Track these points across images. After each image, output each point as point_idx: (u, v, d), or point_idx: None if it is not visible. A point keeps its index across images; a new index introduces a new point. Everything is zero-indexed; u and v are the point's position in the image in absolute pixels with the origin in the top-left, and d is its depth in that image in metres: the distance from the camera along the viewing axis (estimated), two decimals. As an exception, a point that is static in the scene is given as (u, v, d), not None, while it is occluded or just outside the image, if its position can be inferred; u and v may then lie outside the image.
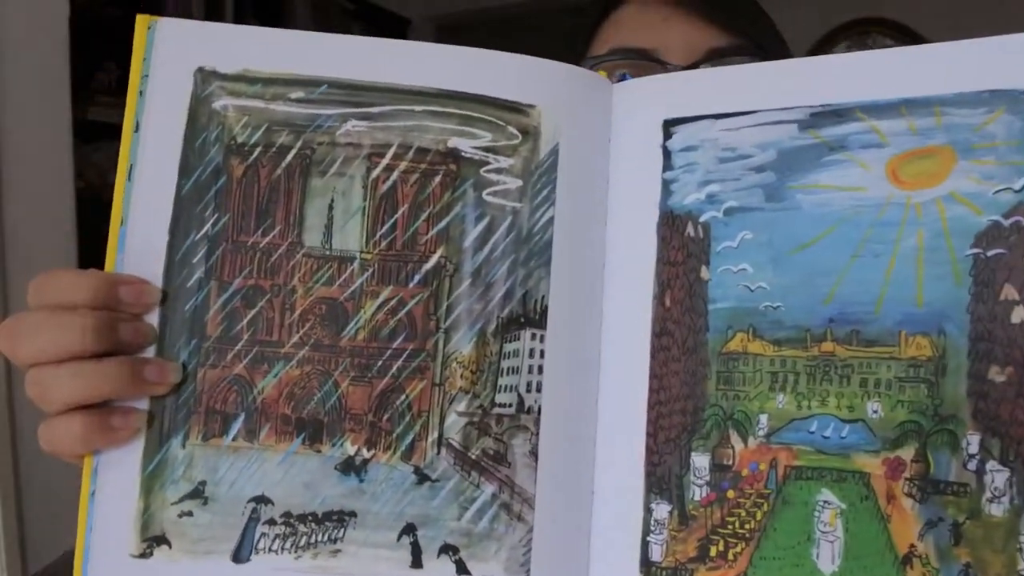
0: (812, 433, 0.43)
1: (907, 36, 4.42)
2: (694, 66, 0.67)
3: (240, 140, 0.47)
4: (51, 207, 2.25)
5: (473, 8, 5.27)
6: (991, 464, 0.40)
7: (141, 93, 0.47)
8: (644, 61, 0.69)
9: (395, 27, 5.46)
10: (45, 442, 0.45)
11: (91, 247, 2.35)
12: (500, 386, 0.46)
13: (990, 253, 0.40)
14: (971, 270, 0.41)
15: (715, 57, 0.68)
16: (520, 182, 0.47)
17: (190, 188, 0.46)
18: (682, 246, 0.47)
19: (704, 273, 0.47)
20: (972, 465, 0.40)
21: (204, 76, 0.47)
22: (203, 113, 0.47)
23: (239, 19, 3.84)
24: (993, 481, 0.39)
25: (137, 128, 0.47)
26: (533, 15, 5.69)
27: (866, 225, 0.43)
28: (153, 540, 0.45)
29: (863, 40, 4.54)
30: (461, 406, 0.46)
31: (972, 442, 0.40)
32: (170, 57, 0.47)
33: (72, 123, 2.33)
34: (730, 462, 0.45)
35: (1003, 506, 0.39)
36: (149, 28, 0.47)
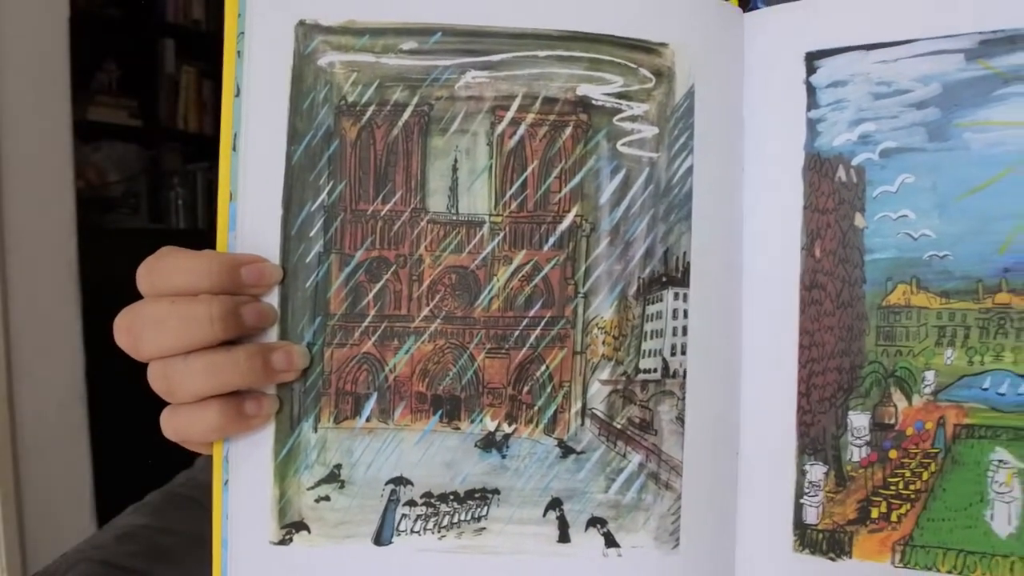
0: (985, 390, 0.41)
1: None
2: None
3: (351, 99, 0.43)
4: (51, 207, 2.24)
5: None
6: None
7: (239, 54, 0.43)
8: None
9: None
10: (172, 430, 0.43)
11: (91, 247, 2.35)
12: (644, 351, 0.43)
13: None
14: None
15: None
16: (656, 129, 0.43)
17: (301, 155, 0.43)
18: (833, 192, 0.43)
19: (859, 221, 0.43)
20: None
21: (306, 30, 0.43)
22: (308, 72, 0.43)
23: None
24: None
25: (238, 93, 0.43)
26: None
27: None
28: (292, 526, 0.43)
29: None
30: (604, 374, 0.43)
31: None
32: (267, 10, 0.43)
33: (72, 123, 2.31)
34: (892, 421, 0.43)
35: None
36: None
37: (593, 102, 0.43)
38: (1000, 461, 0.40)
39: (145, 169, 3.35)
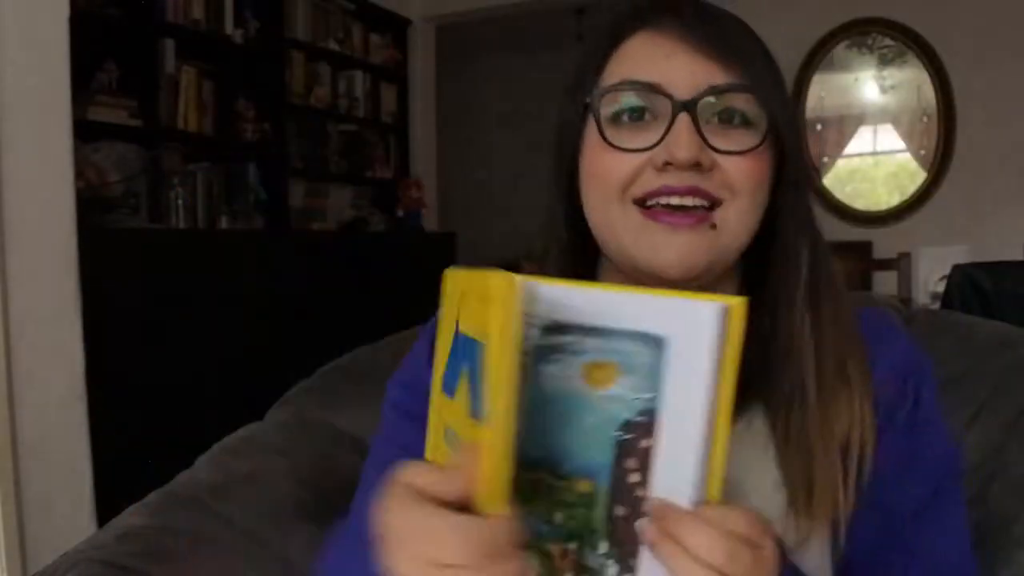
0: (530, 526, 0.62)
1: (906, 35, 4.45)
2: (695, 100, 0.76)
3: None
4: (51, 207, 2.25)
5: (472, 8, 5.18)
6: (610, 562, 0.61)
7: None
8: (652, 94, 0.77)
9: (395, 27, 5.28)
10: None
11: (91, 247, 2.37)
12: None
13: (626, 437, 0.59)
14: (616, 446, 0.59)
15: (714, 93, 0.76)
16: None
17: None
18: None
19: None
20: (603, 559, 0.61)
21: None
22: None
23: (239, 17, 3.64)
24: (609, 571, 0.61)
25: None
26: (532, 15, 5.70)
27: (570, 406, 0.61)
28: None
29: (863, 39, 4.61)
30: None
31: (603, 546, 0.61)
32: None
33: (72, 123, 2.31)
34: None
35: (613, 586, 0.60)
36: None
37: None
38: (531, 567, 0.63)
39: (145, 169, 3.29)
